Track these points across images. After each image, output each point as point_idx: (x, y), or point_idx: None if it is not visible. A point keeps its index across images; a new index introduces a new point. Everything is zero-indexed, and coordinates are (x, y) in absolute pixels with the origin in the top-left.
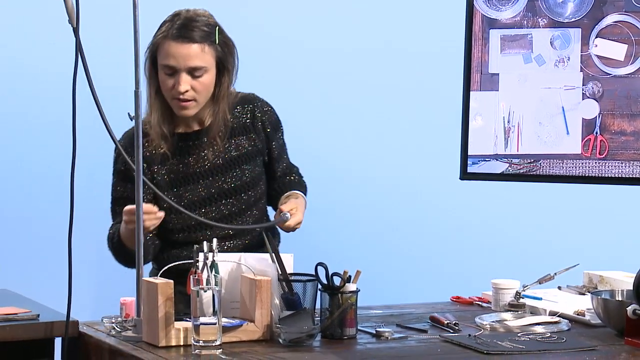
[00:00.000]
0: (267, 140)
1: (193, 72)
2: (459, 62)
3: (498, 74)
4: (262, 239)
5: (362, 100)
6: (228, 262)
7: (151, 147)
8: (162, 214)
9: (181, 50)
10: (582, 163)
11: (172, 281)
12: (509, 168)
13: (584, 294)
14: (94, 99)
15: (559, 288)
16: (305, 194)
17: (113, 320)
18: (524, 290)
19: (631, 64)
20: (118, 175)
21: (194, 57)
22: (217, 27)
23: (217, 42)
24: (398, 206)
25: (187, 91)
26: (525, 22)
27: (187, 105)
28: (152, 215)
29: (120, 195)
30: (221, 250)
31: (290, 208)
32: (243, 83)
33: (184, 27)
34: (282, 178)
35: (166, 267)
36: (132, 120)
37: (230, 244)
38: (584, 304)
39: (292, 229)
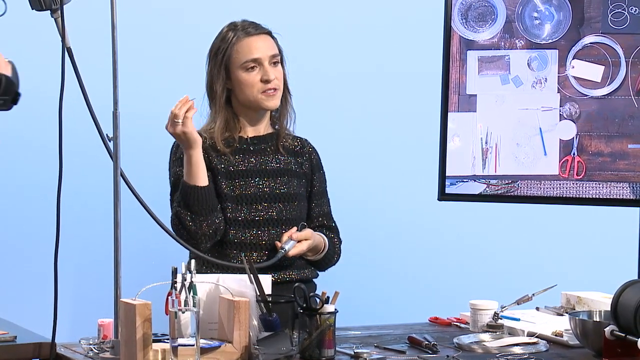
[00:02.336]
0: (312, 171)
1: (272, 60)
2: (437, 83)
3: (476, 95)
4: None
5: (340, 121)
6: (206, 283)
7: (209, 142)
8: (192, 102)
9: (260, 42)
10: (560, 184)
11: (150, 302)
12: (487, 189)
13: (562, 315)
14: (92, 115)
15: (537, 309)
16: (329, 249)
17: (91, 342)
18: (502, 311)
19: (608, 85)
20: (178, 162)
21: (271, 46)
22: None
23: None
24: (376, 227)
25: (274, 79)
26: (502, 44)
27: (274, 94)
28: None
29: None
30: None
31: (296, 237)
32: None
33: (250, 25)
34: (315, 220)
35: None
36: (110, 141)
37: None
38: (562, 325)
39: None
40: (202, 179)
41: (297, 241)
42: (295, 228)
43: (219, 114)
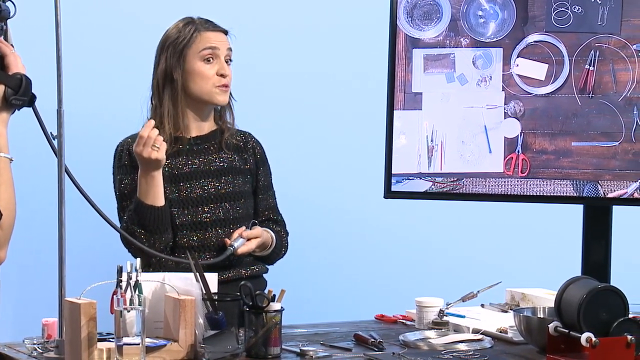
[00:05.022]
0: (256, 166)
1: (228, 57)
2: (383, 81)
3: (421, 93)
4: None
5: (286, 119)
6: (152, 282)
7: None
8: (152, 122)
9: (220, 37)
10: (504, 181)
11: (95, 301)
12: (433, 186)
13: (506, 312)
14: (35, 114)
15: (482, 306)
16: (276, 244)
17: (35, 342)
18: (447, 308)
19: (552, 83)
20: (123, 170)
21: (228, 45)
22: None
23: None
24: (322, 224)
25: (228, 75)
26: (447, 42)
27: (226, 90)
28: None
29: (130, 189)
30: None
31: (246, 235)
32: None
33: (209, 22)
34: (261, 214)
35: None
36: (54, 139)
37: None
38: (506, 322)
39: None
40: (160, 199)
41: (247, 239)
42: (244, 227)
43: (181, 103)
